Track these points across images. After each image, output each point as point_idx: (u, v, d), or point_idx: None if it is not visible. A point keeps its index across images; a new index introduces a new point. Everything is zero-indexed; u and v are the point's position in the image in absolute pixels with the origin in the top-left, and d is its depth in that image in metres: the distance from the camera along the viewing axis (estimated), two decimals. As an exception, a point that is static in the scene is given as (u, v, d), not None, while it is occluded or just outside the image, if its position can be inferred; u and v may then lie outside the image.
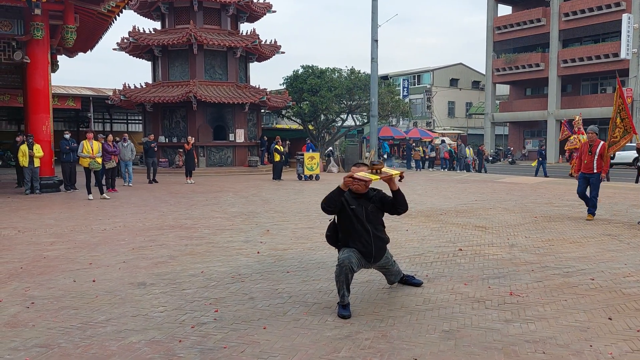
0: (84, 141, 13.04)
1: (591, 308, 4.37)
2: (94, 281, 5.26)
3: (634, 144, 11.61)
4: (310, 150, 22.47)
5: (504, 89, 48.07)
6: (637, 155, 19.59)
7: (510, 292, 4.84)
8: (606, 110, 34.23)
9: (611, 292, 4.83)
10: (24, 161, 13.68)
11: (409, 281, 5.06)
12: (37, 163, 13.95)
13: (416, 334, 3.81)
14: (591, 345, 3.57)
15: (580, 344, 3.60)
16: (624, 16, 32.71)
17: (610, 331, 3.85)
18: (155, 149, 18.97)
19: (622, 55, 32.99)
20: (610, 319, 4.11)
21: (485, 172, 26.19)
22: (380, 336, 3.76)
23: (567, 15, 36.45)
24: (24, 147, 13.76)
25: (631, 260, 6.14)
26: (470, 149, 28.51)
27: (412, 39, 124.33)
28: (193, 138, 19.80)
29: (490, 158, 30.12)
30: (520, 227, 8.57)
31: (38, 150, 13.94)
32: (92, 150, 12.86)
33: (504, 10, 43.49)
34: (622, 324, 3.99)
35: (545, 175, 21.65)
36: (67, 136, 15.00)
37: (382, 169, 4.45)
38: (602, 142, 9.35)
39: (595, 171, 9.24)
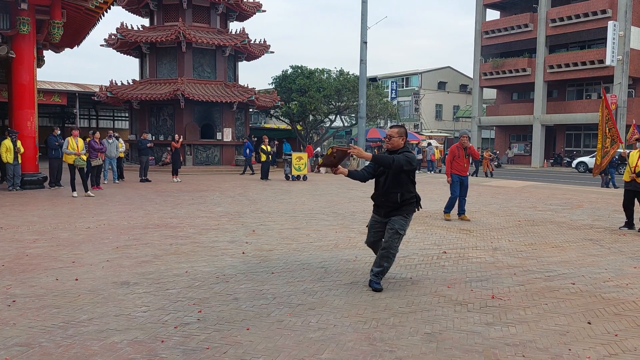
0: (69, 138, 12.91)
1: (571, 312, 4.44)
2: (76, 280, 5.22)
3: (620, 151, 11.82)
4: (247, 150, 22.18)
5: (491, 93, 48.46)
6: (619, 162, 19.94)
7: (492, 295, 4.89)
8: (591, 116, 34.67)
9: (591, 297, 4.91)
10: (8, 157, 13.46)
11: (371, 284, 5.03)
12: (19, 159, 13.77)
13: (399, 336, 3.84)
14: (570, 349, 3.63)
15: (560, 348, 3.65)
16: (610, 23, 33.16)
17: (589, 335, 3.91)
18: (151, 146, 18.93)
19: (608, 62, 33.42)
20: (589, 323, 4.17)
21: (492, 176, 24.79)
22: (363, 338, 3.78)
23: (554, 21, 36.84)
24: (8, 143, 13.54)
25: (611, 265, 6.24)
26: None
27: (405, 42, 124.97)
28: (181, 136, 19.72)
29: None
30: (504, 230, 8.66)
31: (19, 146, 13.76)
32: (77, 147, 12.73)
33: (493, 15, 43.86)
34: (600, 328, 4.06)
35: (615, 186, 18.08)
36: (58, 132, 14.87)
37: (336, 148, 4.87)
38: (472, 146, 10.10)
39: (467, 173, 10.08)
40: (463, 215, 9.94)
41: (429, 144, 31.71)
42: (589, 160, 30.50)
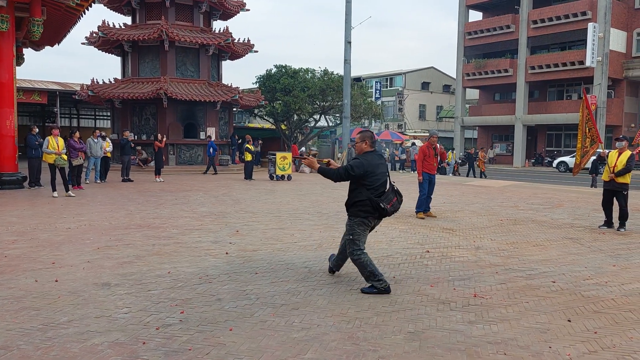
0: (49, 137, 12.71)
1: (552, 310, 4.50)
2: (56, 281, 5.14)
3: (600, 151, 11.99)
4: (211, 149, 22.07)
5: (473, 93, 48.92)
6: (599, 162, 20.25)
7: (474, 294, 4.93)
8: (571, 117, 35.17)
9: (571, 295, 4.97)
10: None
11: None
12: None
13: (382, 335, 3.85)
14: (550, 347, 3.67)
15: (540, 345, 3.70)
16: (590, 25, 33.67)
17: (569, 333, 3.96)
18: (132, 145, 18.86)
19: (588, 63, 33.94)
20: (569, 321, 4.23)
21: (485, 177, 24.37)
22: (347, 338, 3.79)
23: (535, 22, 37.30)
24: None
25: (591, 263, 6.34)
26: (453, 152, 27.98)
27: (389, 43, 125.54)
28: (164, 136, 19.55)
29: (460, 161, 30.01)
30: (487, 229, 8.74)
31: None
32: (58, 146, 12.55)
33: (475, 16, 44.27)
34: (580, 326, 4.11)
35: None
36: (36, 131, 14.64)
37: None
38: (440, 146, 10.53)
39: (435, 172, 10.41)
40: (429, 212, 10.24)
41: (413, 143, 31.87)
42: (569, 160, 30.92)
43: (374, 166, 4.94)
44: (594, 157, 17.93)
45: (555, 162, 32.96)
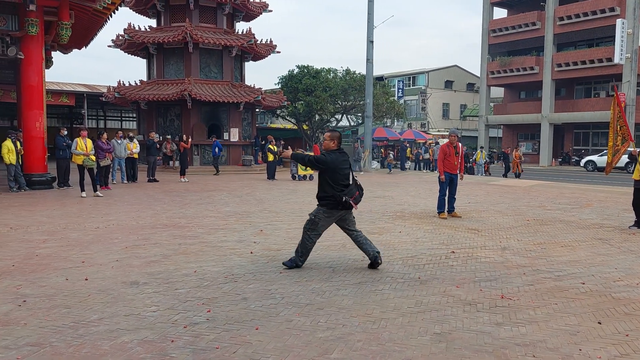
0: (77, 138, 12.97)
1: (581, 312, 4.41)
2: (86, 280, 5.25)
3: (631, 149, 11.73)
4: (217, 149, 22.22)
5: (498, 92, 48.26)
6: (628, 160, 19.78)
7: (501, 295, 4.87)
8: (599, 115, 34.46)
9: (601, 296, 4.87)
10: (10, 158, 13.31)
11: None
12: (20, 160, 13.81)
13: (408, 336, 3.83)
14: (580, 349, 3.61)
15: (570, 348, 3.63)
16: (618, 21, 32.92)
17: (600, 335, 3.89)
18: (158, 146, 19.15)
19: (616, 60, 33.18)
20: (599, 323, 4.15)
21: (518, 176, 23.43)
22: (372, 338, 3.78)
23: (561, 19, 36.63)
24: (9, 143, 13.34)
25: (621, 264, 6.20)
26: (483, 151, 27.41)
27: (411, 41, 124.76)
28: (189, 137, 19.77)
29: (488, 160, 29.34)
30: (513, 230, 8.62)
31: (20, 147, 13.78)
32: (86, 147, 12.80)
33: (500, 13, 43.70)
34: (611, 328, 4.03)
35: None
36: (64, 133, 14.98)
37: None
38: (461, 145, 10.35)
39: (458, 171, 10.12)
40: (453, 212, 10.08)
41: (437, 143, 31.60)
42: (597, 158, 30.29)
43: (337, 163, 5.67)
44: (625, 156, 17.59)
45: (583, 161, 32.33)
